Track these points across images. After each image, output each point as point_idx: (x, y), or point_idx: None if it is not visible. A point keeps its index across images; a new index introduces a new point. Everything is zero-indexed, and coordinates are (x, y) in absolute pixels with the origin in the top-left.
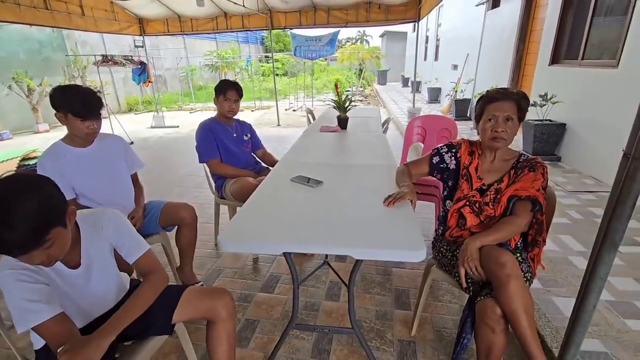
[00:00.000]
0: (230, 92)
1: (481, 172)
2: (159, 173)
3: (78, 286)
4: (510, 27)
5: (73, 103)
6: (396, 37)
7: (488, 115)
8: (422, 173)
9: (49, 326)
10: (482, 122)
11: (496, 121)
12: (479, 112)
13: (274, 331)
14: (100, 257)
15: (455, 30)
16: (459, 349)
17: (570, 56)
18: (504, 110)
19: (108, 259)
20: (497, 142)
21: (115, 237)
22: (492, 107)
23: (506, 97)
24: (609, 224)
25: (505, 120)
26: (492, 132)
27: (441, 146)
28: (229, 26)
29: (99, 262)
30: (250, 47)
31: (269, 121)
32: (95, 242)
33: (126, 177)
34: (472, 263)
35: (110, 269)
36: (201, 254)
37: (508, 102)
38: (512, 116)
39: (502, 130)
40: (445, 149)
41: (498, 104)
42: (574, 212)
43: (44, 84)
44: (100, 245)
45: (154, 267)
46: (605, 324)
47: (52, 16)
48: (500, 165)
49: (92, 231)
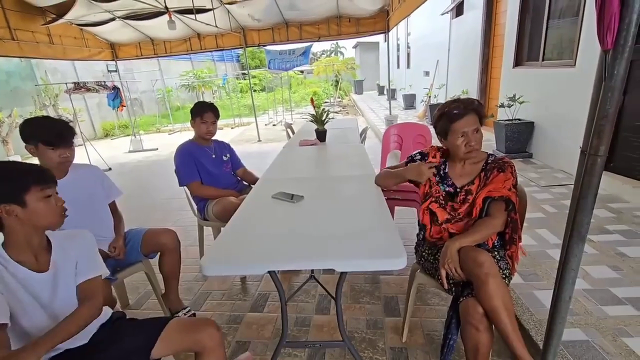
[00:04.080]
0: (206, 115)
1: (453, 177)
2: (139, 198)
3: (44, 294)
4: (474, 33)
5: (43, 132)
6: (369, 47)
7: (457, 133)
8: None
9: None
10: (452, 140)
11: (467, 136)
12: (442, 129)
13: (265, 351)
14: (67, 270)
15: (424, 38)
16: (446, 350)
17: (531, 58)
18: (470, 124)
19: (71, 278)
20: (472, 154)
21: (79, 255)
22: (458, 125)
23: (467, 111)
24: (575, 218)
25: (474, 132)
26: (466, 147)
27: (415, 153)
28: (203, 46)
29: (66, 275)
30: (226, 65)
31: (249, 137)
32: (65, 252)
33: (104, 206)
34: (452, 265)
35: (72, 285)
36: (187, 278)
37: (471, 116)
38: (478, 126)
39: (475, 142)
40: (419, 156)
41: (462, 121)
42: (548, 206)
43: (13, 115)
44: (69, 257)
45: (93, 294)
46: (585, 313)
47: (18, 47)
48: (470, 169)
49: (62, 244)
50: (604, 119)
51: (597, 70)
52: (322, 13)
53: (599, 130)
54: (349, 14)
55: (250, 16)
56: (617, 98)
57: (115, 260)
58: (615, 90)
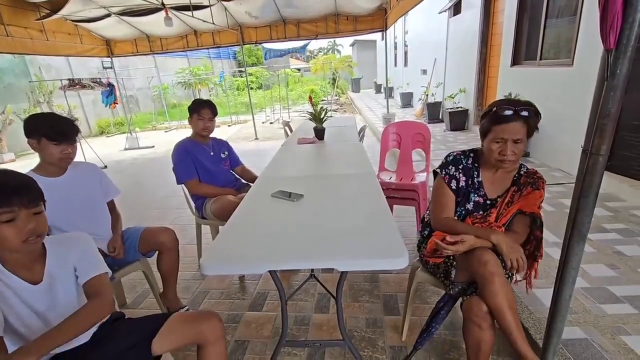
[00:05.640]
0: (203, 111)
1: (485, 186)
2: (136, 196)
3: (41, 306)
4: (472, 32)
5: (47, 127)
6: (366, 46)
7: (495, 137)
8: (452, 205)
9: None
10: (488, 141)
11: (504, 144)
12: (485, 128)
13: (264, 350)
14: (64, 280)
15: (421, 36)
16: (425, 336)
17: (529, 57)
18: (513, 133)
19: (71, 283)
20: (505, 164)
21: (78, 260)
22: (501, 129)
23: (517, 117)
24: (576, 217)
25: (514, 142)
26: (499, 155)
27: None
28: (199, 43)
29: (63, 284)
30: (222, 62)
31: (246, 135)
32: (60, 262)
33: (102, 205)
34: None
35: (73, 294)
36: (185, 276)
37: (518, 124)
38: (522, 138)
39: (511, 153)
40: (452, 168)
41: (508, 125)
42: (546, 205)
43: (7, 112)
44: (65, 266)
45: (102, 290)
46: (583, 311)
47: (12, 42)
48: (502, 177)
49: (58, 251)
50: (605, 118)
51: (600, 69)
52: (320, 10)
53: (601, 129)
54: (347, 11)
55: (247, 13)
56: (619, 97)
57: (112, 259)
58: (617, 90)
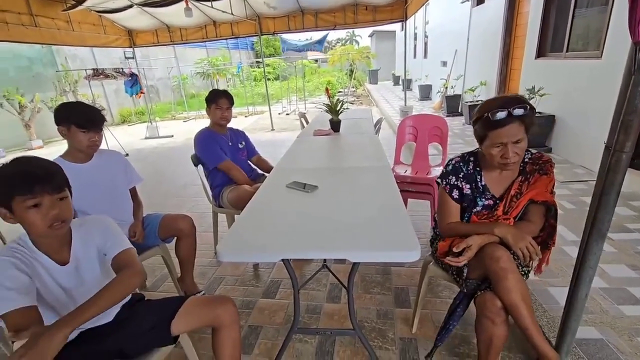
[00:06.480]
0: (221, 100)
1: (491, 187)
2: (156, 184)
3: (70, 285)
4: (495, 22)
5: (76, 116)
6: (385, 36)
7: (493, 142)
8: (456, 212)
9: (17, 316)
10: (487, 147)
11: (504, 147)
12: (480, 134)
13: (277, 336)
14: (89, 260)
15: (442, 27)
16: (444, 333)
17: (555, 49)
18: (511, 135)
19: (95, 264)
20: (509, 167)
21: (102, 240)
22: (497, 134)
23: (512, 119)
24: (596, 215)
25: (514, 143)
26: (502, 159)
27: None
28: (218, 34)
29: (88, 265)
30: (240, 53)
31: (263, 126)
32: (85, 244)
33: (125, 191)
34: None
35: (98, 273)
36: (202, 263)
37: (514, 125)
38: (521, 137)
39: (514, 154)
40: (453, 178)
41: (503, 130)
42: (566, 202)
43: (35, 100)
44: (89, 248)
45: (130, 262)
46: (600, 311)
47: (40, 33)
48: (508, 172)
49: (82, 234)
50: (632, 114)
51: (627, 63)
52: (339, 0)
53: (626, 125)
54: (366, 1)
55: (265, 4)
56: None
57: (134, 243)
58: None
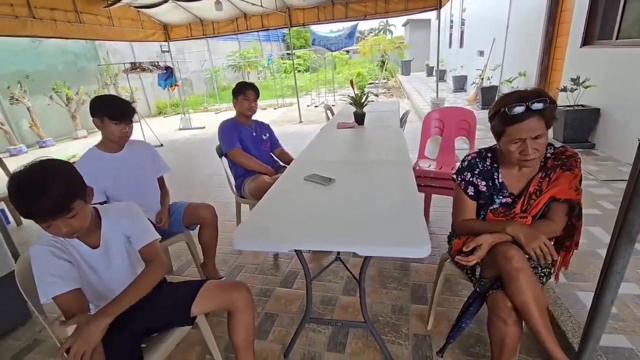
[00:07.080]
0: (248, 92)
1: (509, 184)
2: (186, 174)
3: (99, 267)
4: (538, 8)
5: (109, 108)
6: (420, 25)
7: (511, 138)
8: (472, 209)
9: (66, 299)
10: (505, 143)
11: (523, 142)
12: (497, 130)
13: (291, 324)
14: (117, 244)
15: (480, 14)
16: (456, 330)
17: (603, 36)
18: (530, 130)
19: (122, 247)
20: (529, 164)
21: (129, 226)
22: (515, 130)
23: (530, 113)
24: (625, 216)
25: (534, 139)
26: (521, 155)
27: (462, 174)
28: (249, 26)
29: (116, 248)
30: (272, 45)
31: (291, 118)
32: (113, 229)
33: (153, 180)
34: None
35: (124, 256)
36: (223, 250)
37: (533, 120)
38: (541, 132)
39: (533, 151)
40: (468, 174)
41: (522, 125)
42: (605, 203)
43: (80, 92)
44: (117, 233)
45: (155, 255)
46: (633, 319)
47: (84, 29)
48: (528, 169)
49: (110, 219)
50: None
51: None
52: None
53: None
54: None
55: None
56: None
57: (160, 229)
58: None
